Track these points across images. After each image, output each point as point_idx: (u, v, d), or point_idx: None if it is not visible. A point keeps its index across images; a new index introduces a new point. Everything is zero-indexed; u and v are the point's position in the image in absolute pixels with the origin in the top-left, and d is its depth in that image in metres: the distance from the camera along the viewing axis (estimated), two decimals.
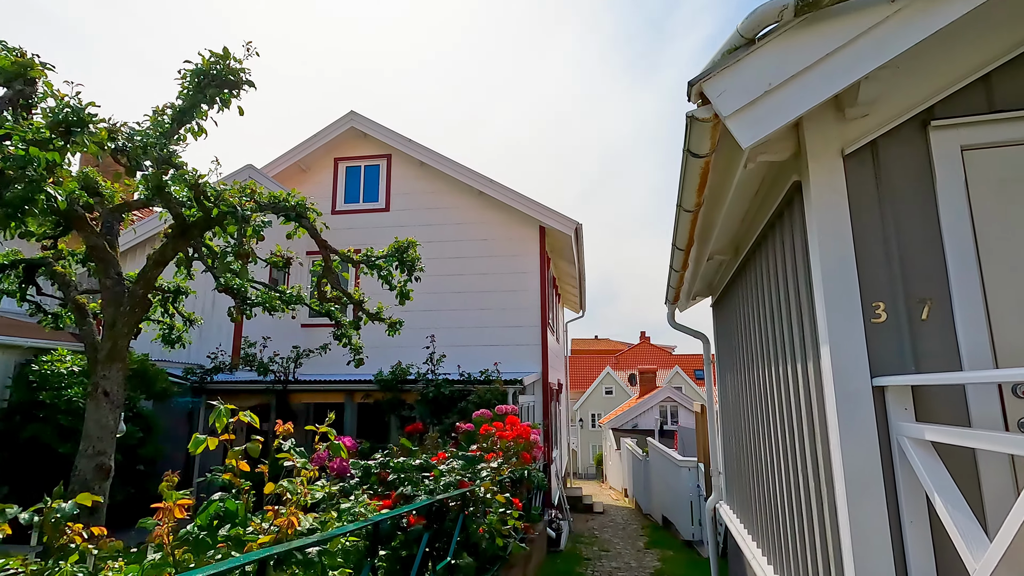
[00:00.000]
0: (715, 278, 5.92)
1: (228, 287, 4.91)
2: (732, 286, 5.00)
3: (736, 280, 4.73)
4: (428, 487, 3.41)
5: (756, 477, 4.17)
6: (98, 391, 3.95)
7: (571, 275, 15.74)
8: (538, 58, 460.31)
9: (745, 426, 4.56)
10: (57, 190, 3.91)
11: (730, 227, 3.69)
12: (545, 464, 9.84)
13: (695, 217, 3.40)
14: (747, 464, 4.54)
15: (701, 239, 3.93)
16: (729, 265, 4.87)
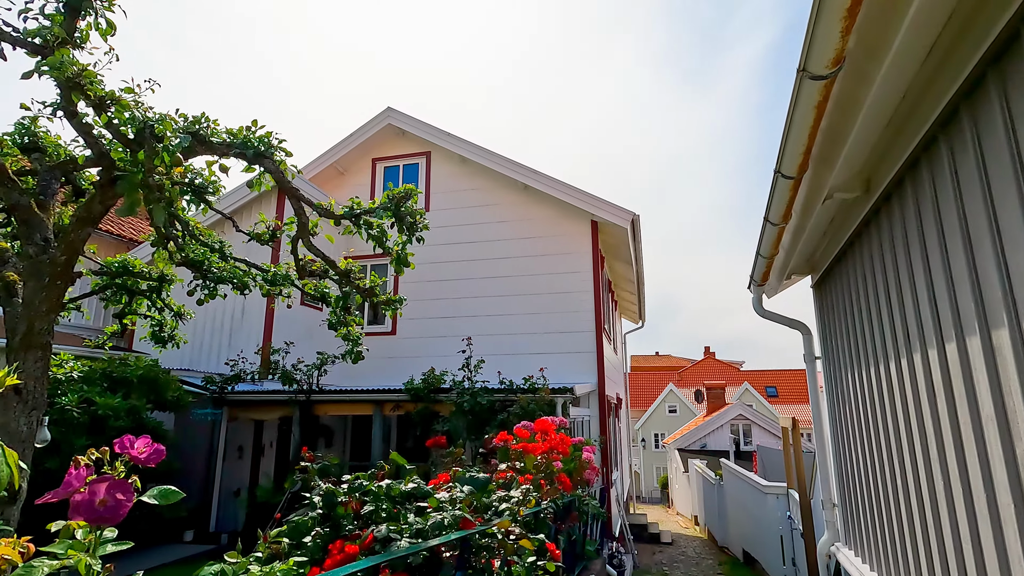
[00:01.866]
0: (818, 248, 4.52)
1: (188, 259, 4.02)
2: (855, 249, 3.63)
3: (864, 237, 3.38)
4: (413, 527, 2.25)
5: (914, 518, 2.77)
6: (8, 388, 3.00)
7: (628, 279, 14.35)
8: (589, 75, 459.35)
9: (886, 446, 3.18)
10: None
11: (874, 129, 2.40)
12: (603, 488, 8.47)
13: (822, 104, 2.15)
14: (892, 498, 3.15)
15: (822, 159, 2.64)
16: (849, 214, 3.53)
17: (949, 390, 2.27)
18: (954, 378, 2.21)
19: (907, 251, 2.63)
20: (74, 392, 6.16)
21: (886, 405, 3.15)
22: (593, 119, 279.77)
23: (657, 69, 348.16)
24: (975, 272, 1.97)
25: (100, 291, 4.80)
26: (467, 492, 2.49)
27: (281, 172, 3.21)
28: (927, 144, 2.28)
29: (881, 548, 3.44)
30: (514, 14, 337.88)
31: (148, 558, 6.53)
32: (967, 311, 2.05)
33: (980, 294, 1.95)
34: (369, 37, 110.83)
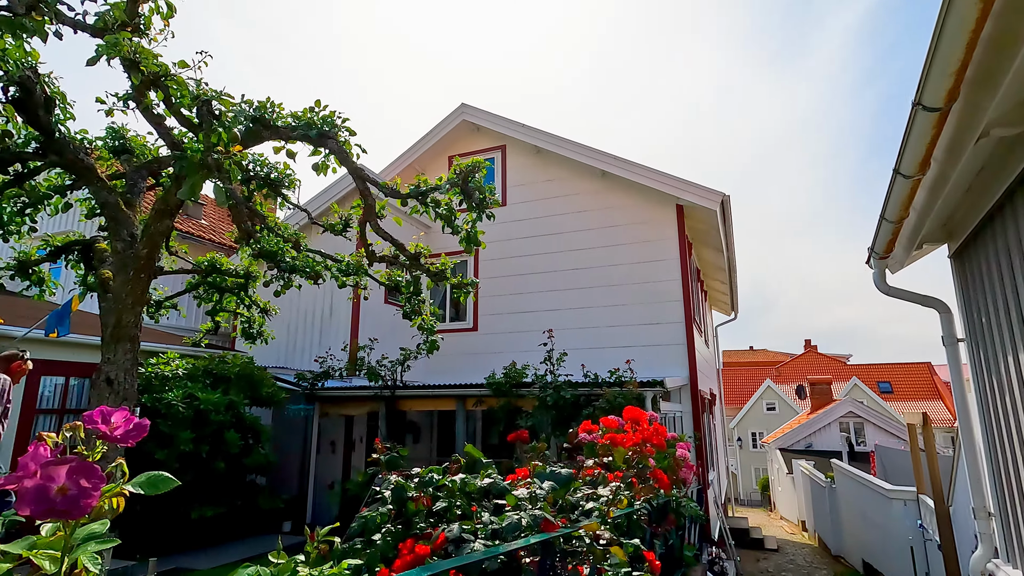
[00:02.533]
0: (959, 209, 3.81)
1: (264, 251, 4.04)
2: (1016, 203, 2.96)
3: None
4: (488, 528, 1.99)
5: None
6: (100, 379, 3.10)
7: (718, 266, 13.44)
8: (670, 62, 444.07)
9: None
10: None
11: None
12: (700, 489, 7.88)
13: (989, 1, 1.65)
14: None
15: (979, 81, 2.09)
16: (1007, 159, 2.87)
17: None
18: None
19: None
20: (179, 388, 6.52)
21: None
22: (676, 107, 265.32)
23: (742, 49, 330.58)
24: None
25: (192, 289, 4.98)
26: (548, 489, 2.21)
27: (345, 152, 3.09)
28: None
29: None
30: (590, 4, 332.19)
31: (248, 546, 6.81)
32: None
33: None
34: (443, 38, 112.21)
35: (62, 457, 0.68)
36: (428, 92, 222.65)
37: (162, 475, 0.80)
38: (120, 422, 0.76)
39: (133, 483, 0.79)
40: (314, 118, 3.04)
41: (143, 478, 0.80)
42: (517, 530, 1.84)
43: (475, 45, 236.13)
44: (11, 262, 4.42)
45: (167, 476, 0.80)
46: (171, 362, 6.88)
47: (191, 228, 12.02)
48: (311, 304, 10.47)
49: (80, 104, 3.22)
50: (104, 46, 2.14)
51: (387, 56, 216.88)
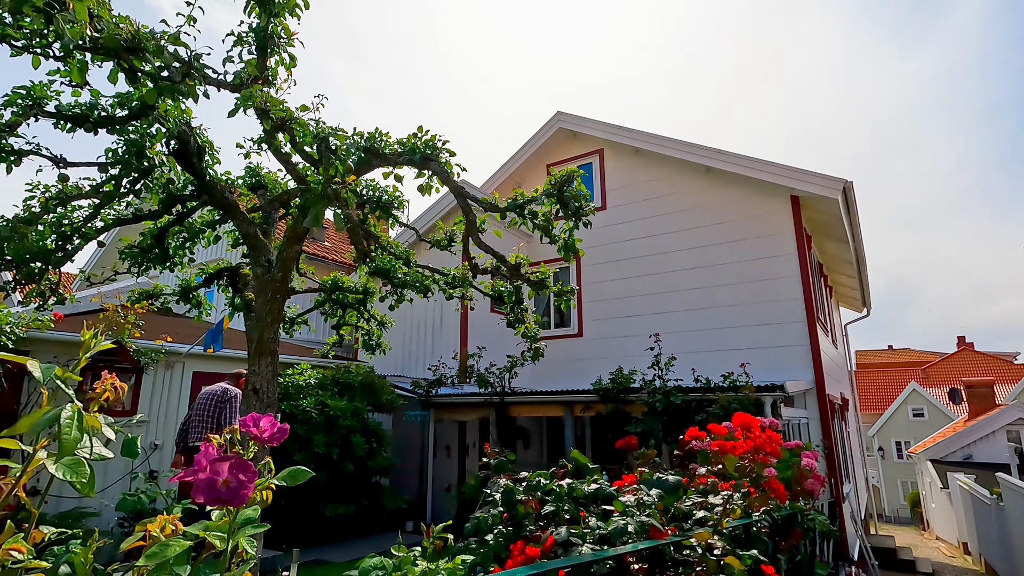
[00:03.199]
0: None
1: (378, 268, 4.35)
2: None
3: None
4: (596, 532, 2.01)
5: None
6: (248, 388, 3.53)
7: (844, 260, 12.32)
8: (776, 43, 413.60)
9: None
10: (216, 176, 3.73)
11: None
12: (832, 502, 7.26)
13: None
14: None
15: None
16: None
17: None
18: None
19: None
20: (312, 396, 7.19)
21: None
22: (786, 93, 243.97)
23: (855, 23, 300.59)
24: None
25: (319, 306, 5.48)
26: (655, 496, 2.18)
27: (446, 172, 3.29)
28: None
29: None
30: None
31: (376, 543, 7.32)
32: None
33: None
34: (540, 44, 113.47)
35: (225, 455, 0.82)
36: (525, 102, 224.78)
37: (300, 469, 0.93)
38: (267, 426, 0.90)
39: (278, 477, 0.93)
40: (417, 143, 3.27)
41: (285, 473, 0.94)
42: (624, 535, 1.85)
43: (573, 52, 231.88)
44: (176, 289, 5.13)
45: (304, 469, 0.93)
46: (304, 372, 7.61)
47: (316, 250, 13.20)
48: (423, 315, 11.06)
49: (222, 149, 3.71)
50: (241, 99, 2.49)
51: (484, 74, 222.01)
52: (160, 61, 2.19)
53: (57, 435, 0.74)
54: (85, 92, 2.62)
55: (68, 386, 0.85)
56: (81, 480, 0.76)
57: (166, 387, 7.00)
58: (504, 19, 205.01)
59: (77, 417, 0.75)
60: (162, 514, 0.97)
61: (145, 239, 4.22)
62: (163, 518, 0.94)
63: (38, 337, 5.78)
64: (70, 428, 0.73)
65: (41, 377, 0.78)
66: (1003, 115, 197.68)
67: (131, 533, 0.98)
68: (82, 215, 3.44)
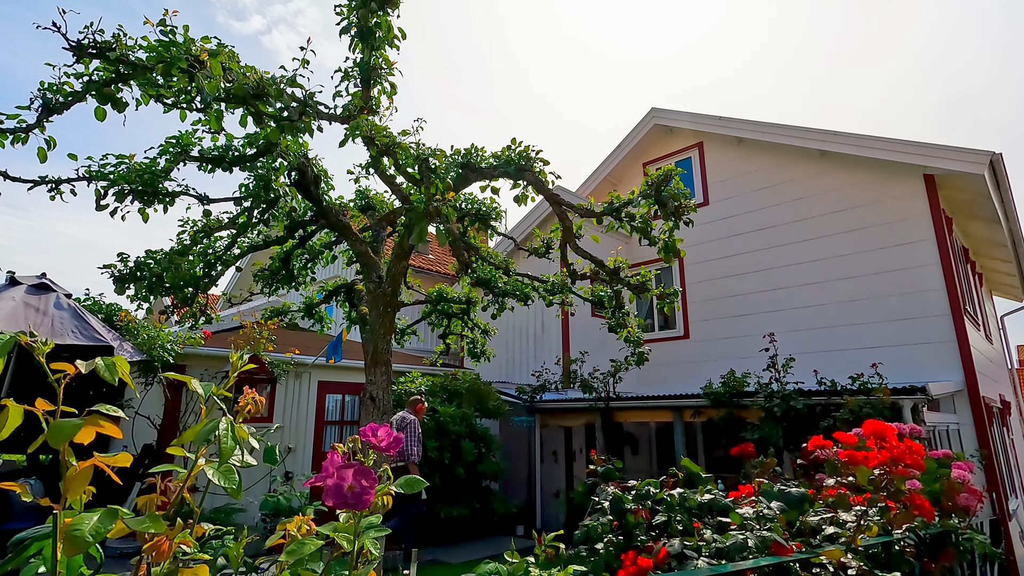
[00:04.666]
0: None
1: (479, 279, 4.47)
2: None
3: None
4: (712, 546, 1.92)
5: None
6: (366, 396, 3.79)
7: (996, 242, 10.80)
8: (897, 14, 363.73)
9: None
10: None
11: None
12: (994, 520, 6.36)
13: None
14: None
15: None
16: None
17: None
18: None
19: None
20: None
21: None
22: (910, 62, 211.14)
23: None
24: None
25: (426, 317, 5.74)
26: (776, 509, 2.04)
27: (541, 181, 3.33)
28: None
29: None
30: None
31: (487, 545, 7.50)
32: None
33: None
34: (629, 38, 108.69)
35: (349, 462, 0.90)
36: (618, 96, 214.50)
37: (415, 477, 1.00)
38: (384, 436, 0.97)
39: (396, 484, 0.99)
40: (511, 155, 3.35)
41: (402, 480, 1.00)
42: (743, 551, 1.75)
43: (664, 39, 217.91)
44: (300, 305, 5.61)
45: (419, 478, 0.99)
46: (415, 380, 8.00)
47: (421, 263, 13.85)
48: (524, 322, 11.22)
49: (335, 176, 4.03)
50: (349, 129, 2.72)
51: (573, 73, 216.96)
52: (281, 103, 2.45)
53: (216, 445, 0.85)
54: (221, 136, 2.97)
55: (221, 401, 0.97)
56: (231, 485, 0.86)
57: (296, 395, 7.69)
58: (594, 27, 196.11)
59: (231, 429, 0.86)
60: (298, 515, 1.07)
61: (274, 263, 4.68)
62: (299, 519, 1.04)
63: (191, 352, 6.59)
64: (227, 438, 0.84)
65: (202, 393, 0.91)
66: None
67: (272, 529, 1.09)
68: (223, 244, 3.90)
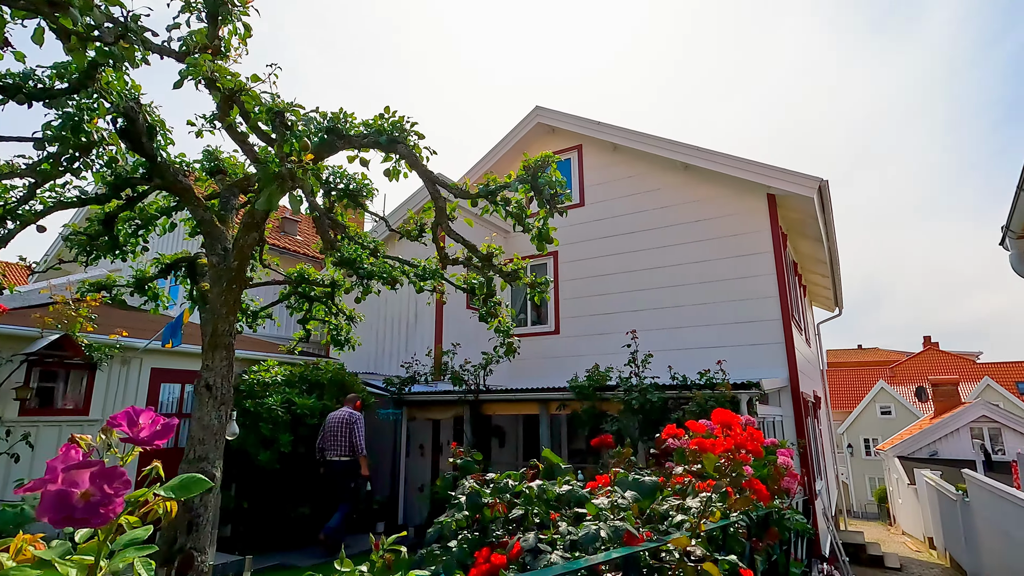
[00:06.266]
0: None
1: (343, 259, 4.15)
2: None
3: None
4: (567, 538, 1.86)
5: None
6: (200, 384, 3.30)
7: (818, 259, 12.45)
8: (757, 43, 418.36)
9: None
10: None
11: None
12: (805, 499, 7.26)
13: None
14: None
15: None
16: None
17: None
18: None
19: None
20: (278, 394, 6.92)
21: None
22: (764, 94, 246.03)
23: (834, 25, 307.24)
24: None
25: (284, 299, 5.23)
26: (630, 498, 2.04)
27: (414, 155, 3.10)
28: None
29: None
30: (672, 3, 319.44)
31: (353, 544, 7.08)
32: None
33: None
34: (518, 52, 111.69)
35: (86, 461, 0.64)
36: (504, 107, 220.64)
37: (194, 478, 0.76)
38: (146, 423, 0.72)
39: (165, 487, 0.75)
40: (384, 124, 3.09)
41: (176, 482, 0.76)
42: (596, 541, 1.70)
43: (551, 54, 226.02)
44: (130, 280, 4.84)
45: (200, 478, 0.75)
46: (271, 369, 7.33)
47: (287, 244, 12.84)
48: (397, 312, 10.83)
49: (177, 130, 3.47)
50: (186, 68, 2.28)
51: (464, 74, 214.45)
52: (92, 19, 1.97)
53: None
54: (8, 57, 2.37)
55: None
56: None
57: (122, 384, 6.66)
58: (485, 30, 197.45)
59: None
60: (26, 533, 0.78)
61: (92, 225, 3.95)
62: (21, 538, 0.76)
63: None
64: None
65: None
66: (974, 119, 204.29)
67: None
68: (17, 195, 3.17)
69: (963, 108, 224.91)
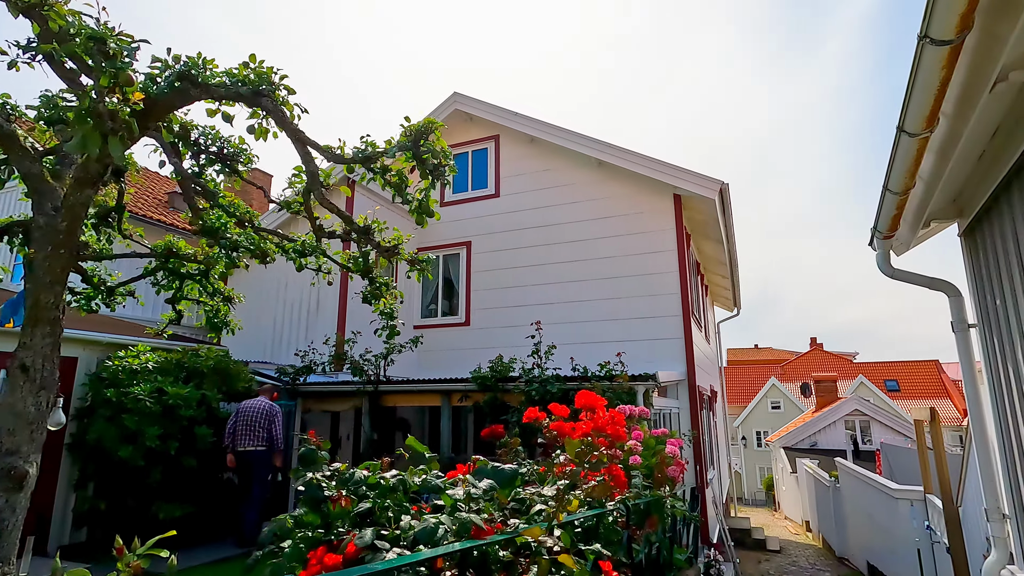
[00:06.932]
0: (970, 181, 3.46)
1: (205, 227, 3.72)
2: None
3: None
4: (410, 533, 1.67)
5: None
6: (14, 366, 2.80)
7: (719, 260, 13.09)
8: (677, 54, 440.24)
9: None
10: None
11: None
12: (694, 488, 7.55)
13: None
14: None
15: (995, 8, 1.75)
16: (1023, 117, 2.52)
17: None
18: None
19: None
20: (148, 382, 6.24)
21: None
22: (680, 103, 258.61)
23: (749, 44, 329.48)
24: None
25: (149, 275, 4.67)
26: (485, 488, 1.88)
27: (283, 111, 2.77)
28: None
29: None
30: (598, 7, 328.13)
31: (221, 549, 6.52)
32: None
33: None
34: (442, 46, 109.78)
35: None
36: (425, 98, 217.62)
37: None
38: None
39: None
40: (249, 74, 2.73)
41: None
42: (433, 536, 1.53)
43: (476, 47, 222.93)
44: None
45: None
46: (140, 355, 6.60)
47: (176, 221, 11.76)
48: (298, 297, 10.20)
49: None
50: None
51: (385, 64, 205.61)
52: None
53: None
54: None
55: None
56: None
57: None
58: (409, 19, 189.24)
59: None
60: None
61: None
62: None
63: None
64: None
65: None
66: (860, 143, 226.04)
67: None
68: None
69: (850, 134, 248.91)
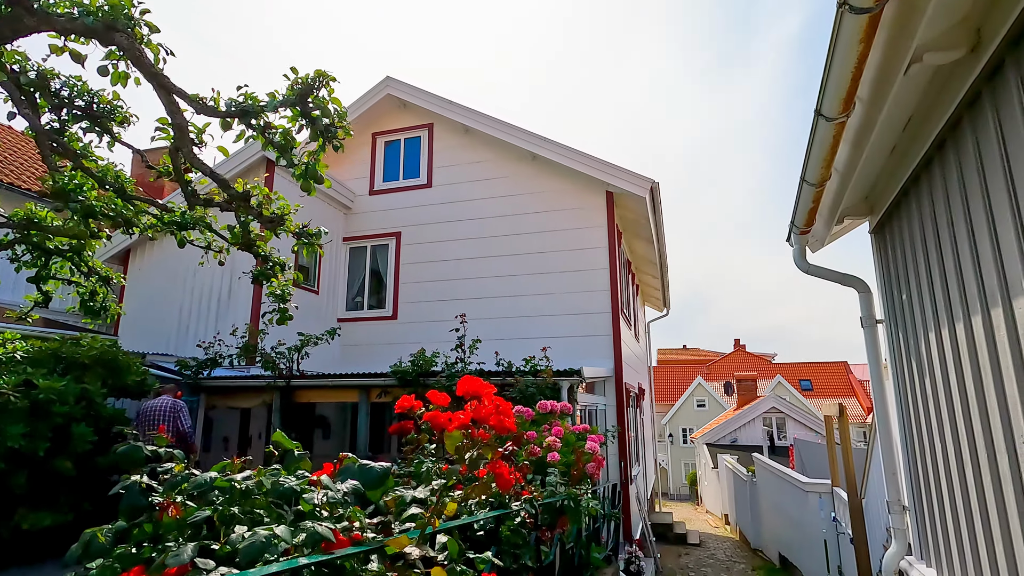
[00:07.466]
0: (880, 179, 3.51)
1: (53, 188, 3.22)
2: (944, 162, 2.62)
3: (956, 141, 2.38)
4: (233, 546, 1.37)
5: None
6: None
7: (650, 260, 13.27)
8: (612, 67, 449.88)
9: (985, 432, 2.19)
10: None
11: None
12: (617, 484, 7.51)
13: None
14: (992, 502, 2.16)
15: None
16: (935, 107, 2.51)
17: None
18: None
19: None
20: (13, 374, 5.48)
21: (983, 375, 2.15)
22: (617, 114, 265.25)
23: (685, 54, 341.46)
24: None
25: (6, 247, 4.04)
26: (348, 489, 1.61)
27: (140, 50, 2.36)
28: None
29: (977, 570, 2.44)
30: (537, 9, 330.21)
31: None
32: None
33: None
34: (381, 35, 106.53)
35: None
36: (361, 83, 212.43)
37: None
38: None
39: None
40: (103, 5, 2.31)
41: None
42: (261, 553, 1.23)
43: (414, 39, 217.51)
44: None
45: None
46: (5, 344, 5.80)
47: (37, 184, 10.60)
48: (208, 285, 9.43)
49: None
50: None
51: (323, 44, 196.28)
52: None
53: None
54: None
55: None
56: None
57: None
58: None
59: None
60: None
61: None
62: None
63: None
64: None
65: None
66: (777, 159, 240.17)
67: None
68: None
69: (777, 146, 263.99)
